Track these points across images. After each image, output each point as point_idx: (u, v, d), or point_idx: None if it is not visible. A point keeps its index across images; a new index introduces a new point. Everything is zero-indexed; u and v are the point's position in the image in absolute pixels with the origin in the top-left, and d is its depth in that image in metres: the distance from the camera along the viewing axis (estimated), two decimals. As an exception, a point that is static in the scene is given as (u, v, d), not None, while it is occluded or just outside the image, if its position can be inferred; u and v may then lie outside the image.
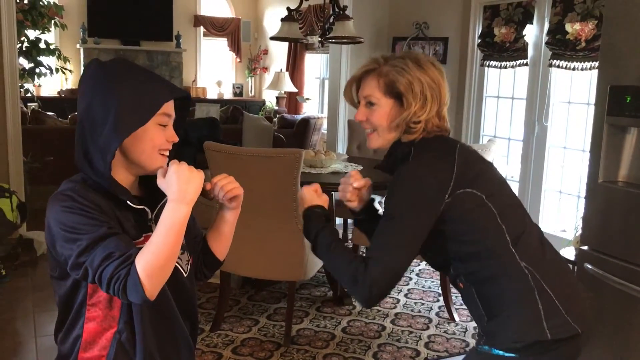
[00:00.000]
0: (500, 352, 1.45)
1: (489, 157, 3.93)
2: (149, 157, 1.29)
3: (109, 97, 1.25)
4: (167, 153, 1.33)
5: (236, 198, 1.43)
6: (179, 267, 1.38)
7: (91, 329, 1.31)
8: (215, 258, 1.53)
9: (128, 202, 1.28)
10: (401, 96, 1.49)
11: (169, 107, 1.31)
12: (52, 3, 6.78)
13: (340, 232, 3.66)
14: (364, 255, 1.48)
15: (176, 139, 1.34)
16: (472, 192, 1.45)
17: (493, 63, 5.06)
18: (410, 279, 4.23)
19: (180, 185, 1.21)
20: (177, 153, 1.38)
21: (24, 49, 6.31)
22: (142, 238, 1.31)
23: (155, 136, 1.29)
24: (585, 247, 2.57)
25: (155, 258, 1.16)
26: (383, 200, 1.55)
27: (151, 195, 1.36)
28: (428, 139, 1.53)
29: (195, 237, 1.51)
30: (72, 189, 1.26)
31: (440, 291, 3.86)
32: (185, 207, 1.21)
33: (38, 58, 6.50)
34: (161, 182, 1.25)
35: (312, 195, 1.63)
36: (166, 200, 1.23)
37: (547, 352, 1.44)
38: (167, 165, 1.28)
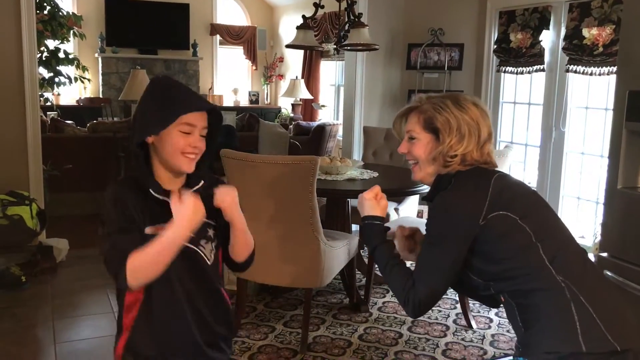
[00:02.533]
0: None
1: (505, 163, 3.91)
2: (173, 157, 1.52)
3: (143, 106, 1.55)
4: (192, 156, 1.53)
5: (223, 209, 1.55)
6: (203, 255, 1.58)
7: (129, 298, 1.61)
8: (233, 261, 1.68)
9: (151, 190, 1.52)
10: (438, 132, 1.64)
11: (190, 118, 1.51)
12: (71, 13, 6.87)
13: (357, 238, 3.65)
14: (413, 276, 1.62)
15: (199, 145, 1.54)
16: (505, 215, 1.54)
17: (509, 69, 5.03)
18: (427, 286, 4.21)
19: (187, 213, 1.42)
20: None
21: (44, 58, 6.39)
22: (163, 224, 1.48)
23: (177, 141, 1.51)
24: (604, 254, 2.54)
25: (144, 262, 1.41)
26: (399, 208, 1.62)
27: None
28: (468, 171, 1.64)
29: (226, 226, 1.62)
30: (115, 182, 1.57)
31: (457, 298, 3.84)
32: (185, 233, 1.43)
33: (57, 67, 6.57)
34: (174, 205, 1.44)
35: (372, 204, 1.76)
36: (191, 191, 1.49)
37: None
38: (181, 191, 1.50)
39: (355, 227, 4.68)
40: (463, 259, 1.57)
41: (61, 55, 6.58)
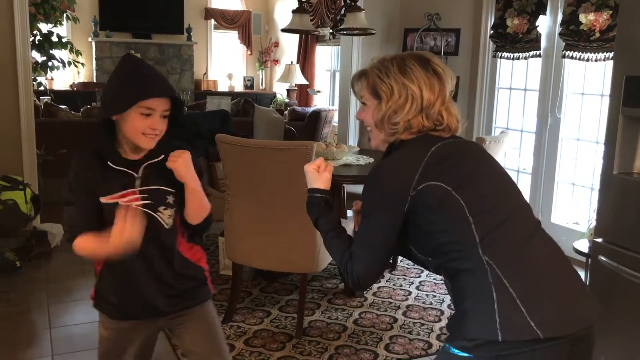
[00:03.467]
0: (456, 351, 1.41)
1: (501, 149, 3.91)
2: (133, 136, 1.65)
3: (109, 84, 1.69)
4: (151, 136, 1.66)
5: (174, 170, 1.67)
6: (161, 219, 1.72)
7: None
8: (190, 224, 1.79)
9: (109, 162, 1.67)
10: (381, 97, 1.56)
11: (150, 102, 1.62)
12: (64, -4, 6.79)
13: (352, 224, 3.64)
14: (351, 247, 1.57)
15: (157, 127, 1.65)
16: (438, 185, 1.43)
17: (505, 54, 5.01)
18: (422, 271, 4.23)
19: (123, 237, 1.56)
20: (190, 145, 1.70)
21: (37, 42, 6.32)
22: (121, 193, 1.67)
23: (137, 122, 1.63)
24: (599, 240, 2.55)
25: (84, 250, 1.67)
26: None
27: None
28: (411, 140, 1.55)
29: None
30: (77, 152, 1.73)
31: (452, 283, 3.85)
32: (117, 251, 1.57)
33: (50, 51, 6.50)
34: (118, 220, 1.56)
35: (313, 176, 1.70)
36: (151, 164, 1.70)
37: (506, 357, 1.34)
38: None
39: (350, 213, 4.68)
40: (398, 232, 1.48)
41: (54, 39, 6.51)
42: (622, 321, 2.44)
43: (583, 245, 3.25)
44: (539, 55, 4.71)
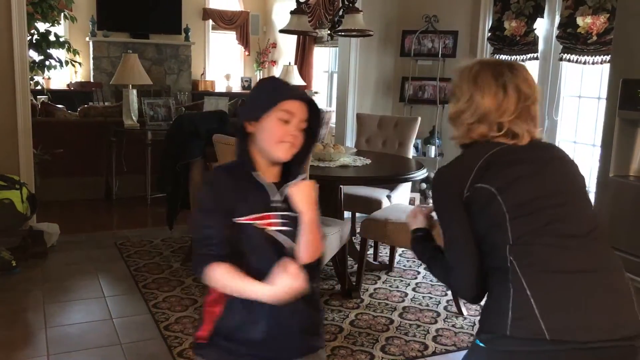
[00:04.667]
0: (478, 342, 1.51)
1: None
2: (270, 145, 1.54)
3: (249, 96, 1.62)
4: (288, 145, 1.54)
5: (291, 199, 1.55)
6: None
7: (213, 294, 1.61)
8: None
9: (252, 174, 1.55)
10: (454, 96, 1.66)
11: (289, 105, 1.53)
12: (61, -5, 6.78)
13: (349, 225, 3.65)
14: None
15: (297, 136, 1.55)
16: (485, 187, 1.49)
17: (503, 57, 5.02)
18: (419, 272, 4.23)
19: (283, 286, 1.41)
20: (187, 146, 1.58)
21: (34, 41, 6.30)
22: (261, 215, 1.53)
23: (275, 128, 1.53)
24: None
25: (221, 281, 1.48)
26: (391, 195, 1.61)
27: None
28: (474, 144, 1.62)
29: None
30: (215, 168, 1.69)
31: (448, 285, 3.86)
32: (270, 299, 1.43)
33: (48, 50, 6.49)
34: (278, 273, 1.42)
35: (410, 221, 1.80)
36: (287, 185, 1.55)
37: (513, 353, 1.41)
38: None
39: (347, 214, 4.69)
40: (470, 229, 1.51)
41: (52, 38, 6.50)
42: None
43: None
44: (537, 58, 4.72)
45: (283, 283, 1.39)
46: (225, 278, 1.47)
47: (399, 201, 4.45)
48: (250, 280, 1.45)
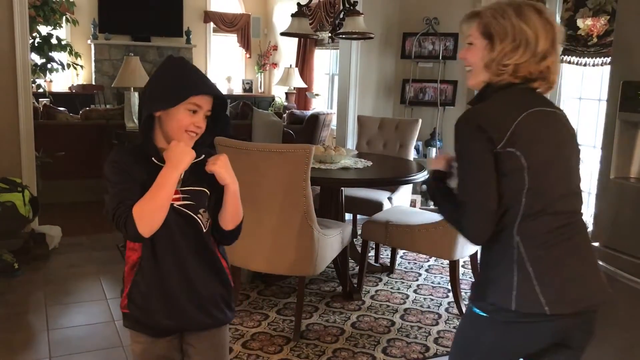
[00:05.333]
0: (477, 311, 1.60)
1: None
2: (176, 133, 1.63)
3: (156, 80, 1.67)
4: (193, 134, 1.65)
5: (215, 173, 1.65)
6: (200, 222, 1.69)
7: (129, 254, 1.72)
8: (221, 230, 1.74)
9: (153, 159, 1.63)
10: (493, 38, 1.58)
11: (199, 99, 1.62)
12: (63, -1, 6.80)
13: (350, 227, 3.66)
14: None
15: (201, 125, 1.65)
16: (518, 157, 1.50)
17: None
18: (420, 274, 4.23)
19: (177, 156, 1.57)
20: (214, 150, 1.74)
21: (36, 44, 6.32)
22: None
23: (183, 118, 1.62)
24: (596, 244, 2.56)
25: (147, 205, 1.53)
26: (392, 197, 1.62)
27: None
28: (513, 88, 1.59)
29: (219, 197, 1.72)
30: (116, 151, 1.69)
31: (449, 287, 3.86)
32: (176, 172, 1.57)
33: (50, 54, 6.50)
34: (166, 152, 1.59)
35: (433, 162, 1.79)
36: (191, 164, 1.61)
37: (514, 323, 1.54)
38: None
39: (348, 217, 4.69)
40: (493, 171, 1.51)
41: (53, 41, 6.50)
42: (620, 325, 2.44)
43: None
44: (537, 60, 4.72)
45: (171, 154, 1.56)
46: (142, 205, 1.53)
47: (400, 203, 4.45)
48: (155, 183, 1.55)
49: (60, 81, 9.48)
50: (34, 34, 6.20)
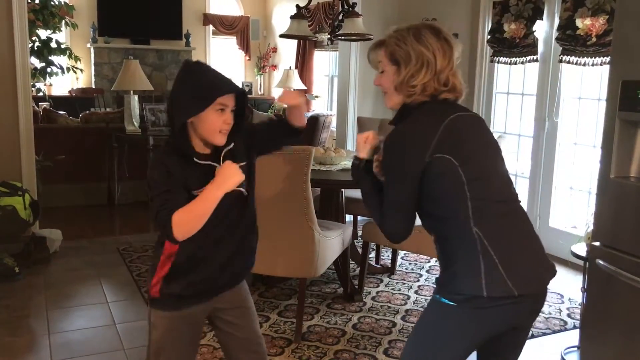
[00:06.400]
0: (445, 300, 1.67)
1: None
2: (210, 134, 1.76)
3: (180, 90, 1.76)
4: (225, 132, 1.78)
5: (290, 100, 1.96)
6: (242, 190, 1.86)
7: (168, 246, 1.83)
8: (293, 126, 2.01)
9: (194, 159, 1.76)
10: (399, 63, 1.75)
11: (224, 99, 1.75)
12: (62, 3, 6.79)
13: (351, 228, 3.66)
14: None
15: (230, 121, 1.78)
16: (448, 158, 1.64)
17: (503, 59, 5.03)
18: (421, 275, 4.23)
19: (226, 175, 1.69)
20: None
21: (36, 48, 6.33)
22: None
23: (214, 120, 1.75)
24: (596, 243, 2.56)
25: (186, 215, 1.65)
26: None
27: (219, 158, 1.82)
28: (427, 106, 1.74)
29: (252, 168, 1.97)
30: (161, 152, 1.80)
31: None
32: (220, 191, 1.67)
33: (49, 57, 6.52)
34: (219, 169, 1.72)
35: (358, 146, 1.90)
36: (227, 150, 1.80)
37: (484, 308, 1.62)
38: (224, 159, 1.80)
39: (349, 218, 4.69)
40: (416, 191, 1.68)
41: (53, 45, 6.53)
42: (620, 324, 2.44)
43: (581, 249, 3.25)
44: (536, 60, 4.73)
45: (221, 175, 1.68)
46: (182, 214, 1.64)
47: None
48: (198, 197, 1.68)
49: (60, 85, 9.49)
50: (33, 38, 6.21)
